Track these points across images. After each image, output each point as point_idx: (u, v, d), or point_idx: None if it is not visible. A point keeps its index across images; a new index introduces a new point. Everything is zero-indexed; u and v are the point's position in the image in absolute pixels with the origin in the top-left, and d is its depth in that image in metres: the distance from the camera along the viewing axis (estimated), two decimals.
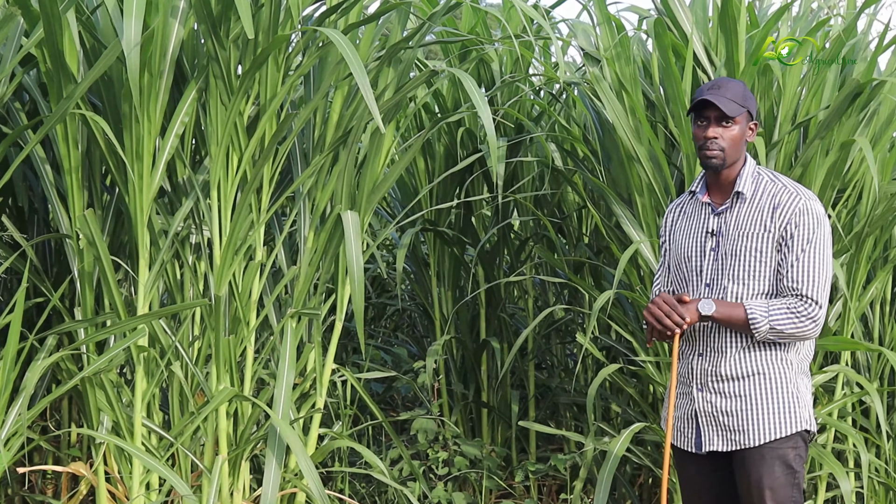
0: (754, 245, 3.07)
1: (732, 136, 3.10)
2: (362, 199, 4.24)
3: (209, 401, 4.00)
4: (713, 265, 3.14)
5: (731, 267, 3.10)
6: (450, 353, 5.78)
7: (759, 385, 3.09)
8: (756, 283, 3.08)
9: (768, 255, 3.06)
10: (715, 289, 3.13)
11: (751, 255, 3.07)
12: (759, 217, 3.09)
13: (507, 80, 5.26)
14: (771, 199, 3.09)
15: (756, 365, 3.09)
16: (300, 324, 4.26)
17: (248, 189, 3.94)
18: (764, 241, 3.07)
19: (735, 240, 3.10)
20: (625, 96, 4.52)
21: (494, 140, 3.80)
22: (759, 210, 3.09)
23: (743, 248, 3.09)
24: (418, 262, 5.81)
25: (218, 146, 3.92)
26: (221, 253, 3.98)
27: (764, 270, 3.07)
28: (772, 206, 3.08)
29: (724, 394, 3.11)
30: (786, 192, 3.08)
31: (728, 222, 3.13)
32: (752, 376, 3.09)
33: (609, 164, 4.86)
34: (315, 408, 4.28)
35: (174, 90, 4.02)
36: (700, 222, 3.21)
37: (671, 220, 3.34)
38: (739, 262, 3.09)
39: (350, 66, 3.43)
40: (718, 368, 3.12)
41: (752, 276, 3.08)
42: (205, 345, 4.16)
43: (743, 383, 3.09)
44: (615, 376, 4.76)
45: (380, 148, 4.26)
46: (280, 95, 3.94)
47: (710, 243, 3.16)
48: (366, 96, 3.35)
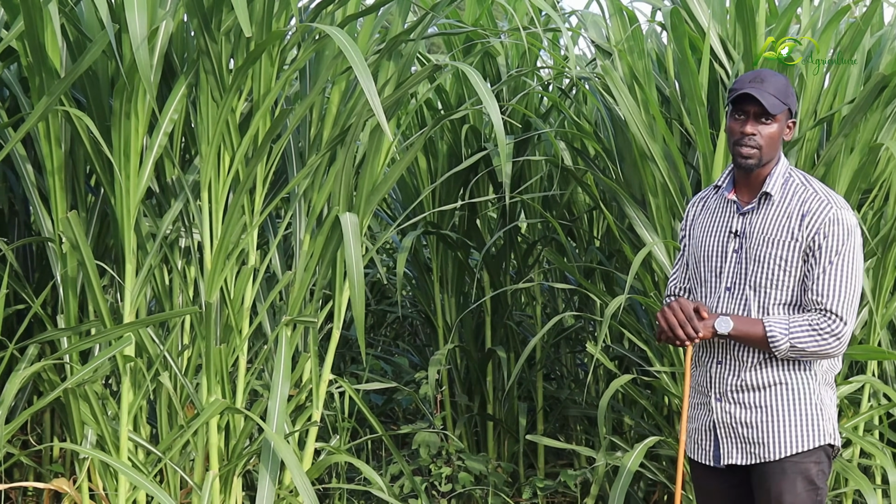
0: (779, 252, 3.06)
1: (770, 134, 3.09)
2: (361, 200, 4.24)
3: (199, 413, 4.00)
4: (734, 268, 3.13)
5: (753, 273, 3.09)
6: (453, 363, 5.77)
7: (781, 396, 3.09)
8: (779, 293, 3.07)
9: (793, 264, 3.05)
10: (735, 294, 3.12)
11: (775, 262, 3.06)
12: (786, 223, 3.07)
13: (514, 75, 5.26)
14: (800, 205, 3.07)
15: (778, 375, 3.09)
16: (295, 332, 4.26)
17: (240, 190, 3.95)
18: (790, 250, 3.05)
19: (759, 245, 3.09)
20: (638, 91, 4.53)
21: (503, 136, 3.80)
22: (786, 215, 3.08)
23: (767, 254, 3.07)
24: (420, 266, 5.81)
25: (209, 145, 3.93)
26: (212, 257, 3.99)
27: (788, 281, 3.06)
28: (800, 212, 3.06)
29: (744, 404, 3.11)
30: (816, 198, 3.07)
31: (753, 224, 3.12)
32: (774, 386, 3.09)
33: (622, 163, 4.86)
34: (311, 421, 4.28)
35: (163, 86, 4.02)
36: (723, 220, 3.20)
37: (693, 215, 3.33)
38: (762, 270, 3.08)
39: (351, 63, 3.43)
40: (738, 378, 3.12)
41: (774, 284, 3.07)
42: (195, 354, 4.16)
43: (764, 394, 3.09)
44: (628, 387, 4.76)
45: (380, 146, 4.26)
46: (274, 91, 3.94)
47: (733, 244, 3.15)
48: (367, 93, 3.35)
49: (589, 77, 4.90)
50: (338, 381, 4.43)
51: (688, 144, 4.77)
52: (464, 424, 5.71)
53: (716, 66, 4.55)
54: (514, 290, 5.73)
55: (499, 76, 5.51)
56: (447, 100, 5.60)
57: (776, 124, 3.09)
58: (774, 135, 3.09)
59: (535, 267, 5.83)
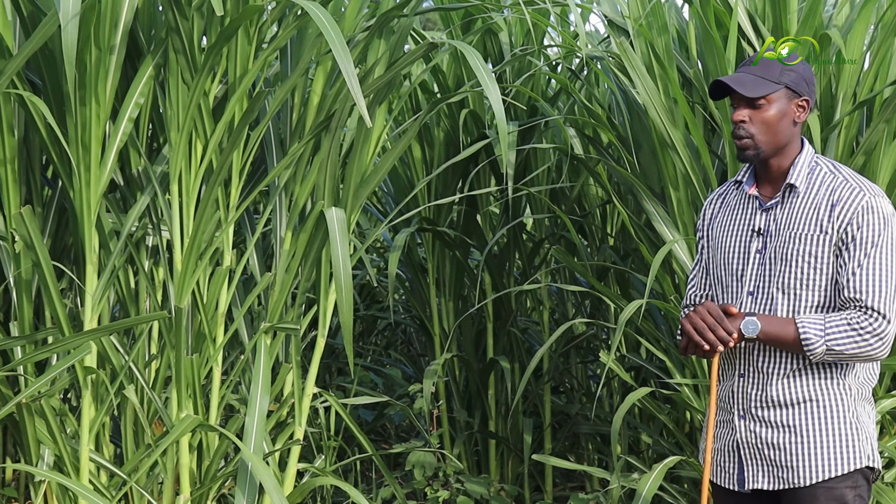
0: (807, 248, 3.05)
1: (765, 119, 3.06)
2: (348, 193, 4.24)
3: (169, 431, 3.99)
4: (758, 270, 3.12)
5: (779, 273, 3.08)
6: (451, 375, 5.77)
7: (811, 414, 3.07)
8: (809, 294, 3.05)
9: (824, 260, 3.04)
10: (760, 298, 3.11)
11: (803, 259, 3.05)
12: (813, 215, 3.06)
13: (518, 54, 5.26)
14: (829, 195, 3.06)
15: (808, 390, 3.07)
16: (276, 340, 4.26)
17: (214, 182, 3.94)
18: (819, 244, 3.04)
19: (785, 241, 3.08)
20: (657, 72, 4.52)
21: (504, 124, 3.79)
22: (814, 207, 3.07)
23: (794, 251, 3.06)
24: (414, 267, 5.81)
25: (179, 132, 3.92)
26: (183, 257, 3.98)
27: (818, 279, 3.05)
28: (829, 202, 3.05)
29: (771, 423, 3.10)
30: (846, 186, 3.06)
31: (777, 220, 3.11)
32: (804, 403, 3.07)
33: (638, 152, 4.85)
34: (293, 439, 4.28)
35: (127, 67, 4.02)
36: (745, 218, 3.19)
37: (710, 213, 3.32)
38: (789, 269, 3.06)
39: (326, 37, 3.43)
40: (763, 392, 3.10)
41: (804, 285, 3.05)
42: (163, 365, 4.15)
43: (792, 411, 3.08)
44: (645, 401, 4.75)
45: (369, 134, 4.26)
46: (252, 72, 3.94)
47: (756, 244, 3.14)
48: (345, 72, 3.35)
49: (602, 56, 4.90)
50: (323, 395, 4.43)
51: (712, 131, 4.76)
52: (463, 443, 5.71)
53: (743, 43, 4.55)
54: (518, 293, 5.72)
55: (501, 56, 5.50)
56: (444, 82, 5.59)
57: (771, 106, 3.06)
58: (770, 119, 3.06)
59: (541, 267, 5.82)
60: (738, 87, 3.05)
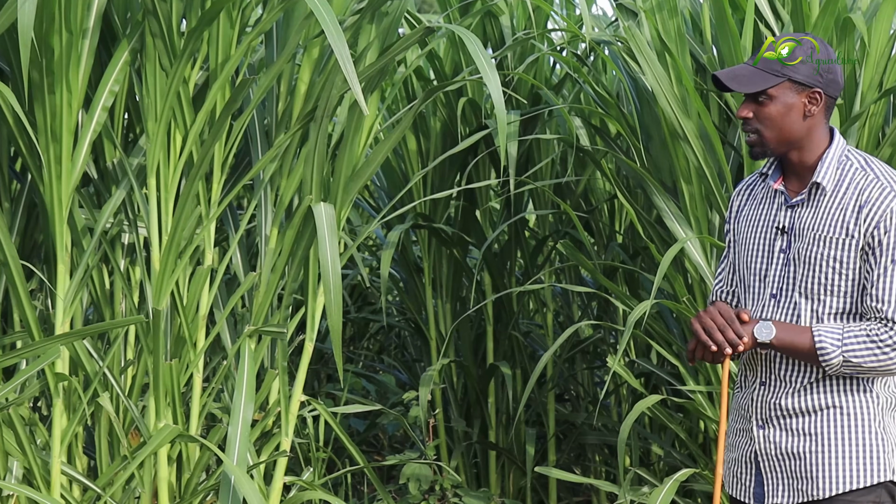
0: (832, 253, 3.03)
1: (768, 115, 3.05)
2: (338, 187, 4.23)
3: (146, 442, 3.98)
4: (781, 271, 3.11)
5: (803, 278, 3.06)
6: (449, 382, 5.76)
7: (834, 421, 3.06)
8: (834, 301, 3.04)
9: (850, 266, 3.02)
10: (783, 302, 3.09)
11: (828, 264, 3.03)
12: (840, 217, 3.04)
13: (521, 39, 5.24)
14: (857, 195, 3.03)
15: (832, 397, 3.06)
16: (261, 345, 4.25)
17: (194, 175, 3.93)
18: (845, 249, 3.02)
19: (809, 243, 3.06)
20: (668, 58, 4.51)
21: (504, 113, 3.79)
22: (840, 208, 3.04)
23: (818, 255, 3.04)
24: (409, 266, 5.80)
25: (157, 122, 3.91)
26: (161, 256, 3.97)
27: (844, 285, 3.03)
28: (857, 203, 3.02)
29: (791, 431, 3.09)
30: (876, 185, 3.03)
31: (803, 219, 3.09)
32: (827, 410, 3.06)
33: (648, 144, 4.85)
34: (279, 450, 4.27)
35: (101, 52, 4.01)
36: (769, 214, 3.17)
37: (738, 205, 3.30)
38: (813, 273, 3.05)
39: (319, 20, 3.43)
40: (785, 401, 3.09)
41: (828, 290, 3.03)
42: (140, 372, 4.15)
43: (814, 418, 3.07)
44: (656, 410, 4.75)
45: (360, 124, 4.25)
46: (235, 58, 3.93)
47: (780, 243, 3.13)
48: (339, 57, 3.34)
49: (610, 41, 4.88)
50: (311, 404, 4.42)
51: (727, 121, 4.75)
52: (461, 454, 5.70)
53: (761, 27, 4.54)
54: (520, 293, 5.72)
55: (502, 40, 5.50)
56: (441, 68, 5.59)
57: (775, 101, 3.04)
58: (774, 115, 3.05)
59: (545, 267, 5.82)
60: (731, 82, 3.03)
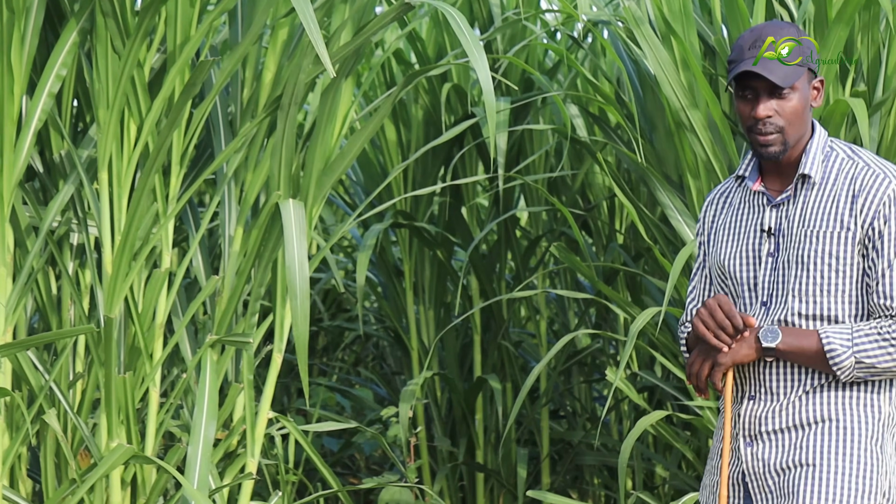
0: (826, 248, 3.04)
1: (793, 109, 3.06)
2: (310, 183, 4.23)
3: (97, 463, 3.97)
4: (771, 276, 3.12)
5: (796, 279, 3.07)
6: (432, 397, 5.76)
7: (827, 434, 3.07)
8: (833, 303, 3.05)
9: (847, 262, 3.04)
10: (775, 310, 3.11)
11: (823, 262, 3.04)
12: (832, 209, 3.06)
13: (511, 19, 5.25)
14: (849, 184, 3.06)
15: (827, 409, 3.07)
16: (224, 356, 4.25)
17: (150, 168, 3.93)
18: (841, 243, 3.04)
19: (800, 241, 3.07)
20: (673, 41, 4.52)
21: (493, 100, 3.79)
22: (832, 199, 3.07)
23: (811, 252, 3.05)
24: (388, 269, 5.80)
25: (108, 109, 3.91)
26: (114, 258, 3.97)
27: (843, 284, 3.04)
28: (850, 193, 3.05)
29: (782, 447, 3.10)
30: (869, 172, 3.06)
31: (791, 217, 3.10)
32: (821, 423, 3.07)
33: (652, 135, 4.86)
34: (245, 473, 4.27)
35: (47, 32, 4.00)
36: (752, 218, 3.18)
37: (712, 214, 3.32)
38: (808, 273, 3.06)
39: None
40: (775, 415, 3.10)
41: (825, 291, 3.05)
42: (91, 386, 4.14)
43: (806, 433, 3.08)
44: (661, 428, 4.76)
45: (334, 112, 4.24)
46: (195, 39, 3.93)
47: (768, 246, 3.14)
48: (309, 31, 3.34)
49: (609, 21, 4.89)
50: (280, 421, 4.42)
51: None
52: (445, 477, 5.70)
53: (775, 4, 4.55)
54: (511, 300, 5.72)
55: (491, 20, 5.50)
56: (423, 51, 5.59)
57: (797, 94, 3.06)
58: (798, 108, 3.07)
59: (538, 270, 5.82)
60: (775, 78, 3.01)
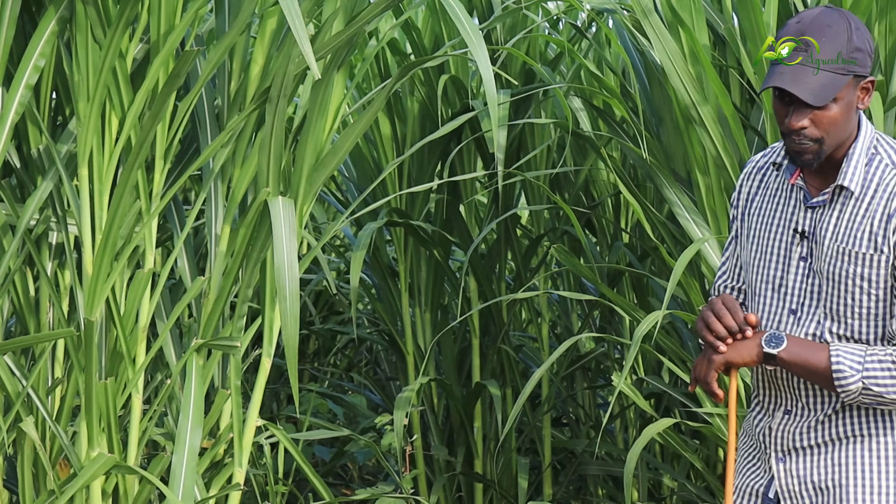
0: (858, 270, 2.99)
1: (832, 121, 2.98)
2: (300, 179, 4.23)
3: (77, 474, 3.96)
4: (803, 283, 3.06)
5: (828, 295, 3.03)
6: (428, 404, 5.76)
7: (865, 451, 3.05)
8: (865, 326, 3.00)
9: (881, 285, 2.97)
10: (805, 320, 3.06)
11: (854, 283, 2.99)
12: (867, 228, 2.99)
13: (511, 7, 5.24)
14: (886, 202, 2.97)
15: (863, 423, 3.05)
16: (210, 360, 4.24)
17: (132, 164, 3.93)
18: (873, 266, 2.98)
19: (833, 257, 3.02)
20: (682, 31, 4.51)
21: (494, 93, 3.78)
22: (867, 217, 3.00)
23: (843, 271, 3.00)
24: (383, 270, 5.80)
25: (89, 102, 3.91)
26: (95, 258, 3.96)
27: (875, 307, 2.99)
28: (886, 212, 2.97)
29: (818, 462, 3.09)
30: None
31: (824, 226, 3.04)
32: (856, 438, 3.05)
33: (659, 129, 4.85)
34: (232, 483, 4.27)
35: (24, 21, 4.00)
36: (786, 212, 3.13)
37: (748, 190, 3.24)
38: (838, 292, 3.01)
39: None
40: (811, 430, 3.08)
41: (855, 313, 3.00)
42: (70, 392, 4.14)
43: (841, 448, 3.06)
44: (668, 436, 4.75)
45: (325, 105, 4.24)
46: (180, 28, 3.92)
47: (800, 249, 3.08)
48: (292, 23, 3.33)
49: (614, 10, 4.88)
50: (269, 429, 4.41)
51: (750, 102, 4.76)
52: (442, 487, 5.70)
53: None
54: (511, 302, 5.71)
55: (490, 9, 5.50)
56: (419, 41, 5.59)
57: (838, 103, 2.99)
58: (837, 118, 2.98)
59: (540, 270, 5.81)
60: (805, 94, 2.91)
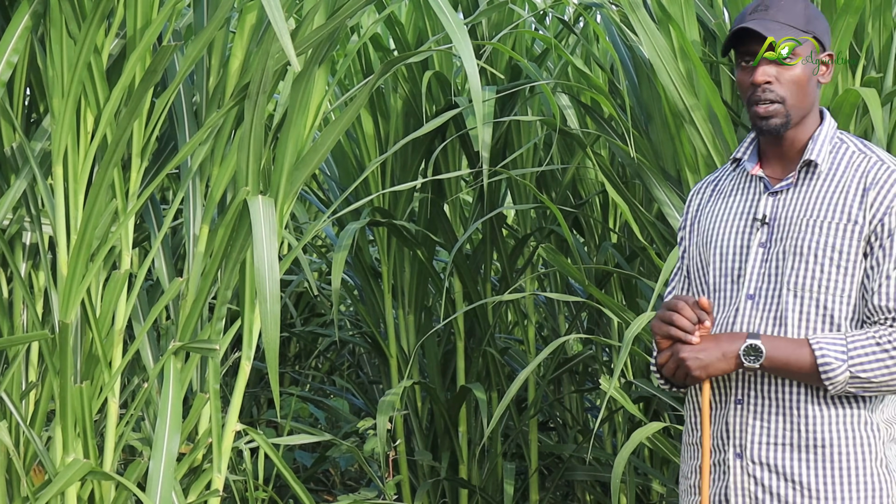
0: (829, 241, 3.01)
1: (795, 78, 3.04)
2: (280, 178, 4.23)
3: (52, 480, 3.96)
4: (761, 268, 3.08)
5: (793, 270, 3.03)
6: (412, 408, 5.76)
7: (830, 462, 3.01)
8: (831, 301, 3.01)
9: (850, 258, 3.00)
10: (763, 303, 3.06)
11: (824, 254, 3.00)
12: (840, 199, 3.03)
13: (497, 1, 5.25)
14: (860, 177, 3.03)
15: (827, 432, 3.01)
16: (189, 364, 4.24)
17: (108, 162, 3.92)
18: (846, 237, 3.01)
19: (800, 230, 3.03)
20: (671, 26, 4.52)
21: (479, 89, 3.79)
22: (840, 190, 3.03)
23: (812, 243, 3.01)
24: (365, 271, 5.80)
25: (64, 98, 3.89)
26: (70, 259, 3.96)
27: (843, 282, 3.01)
28: (862, 185, 3.02)
29: (777, 470, 3.07)
30: (884, 168, 3.04)
31: (789, 205, 3.06)
32: (821, 448, 3.02)
33: (647, 127, 4.86)
34: (211, 489, 4.27)
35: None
36: (744, 204, 3.14)
37: (697, 204, 3.27)
38: (806, 265, 3.01)
39: None
40: (768, 425, 3.07)
41: (823, 287, 3.01)
42: (45, 396, 4.13)
43: (805, 457, 3.02)
44: (657, 440, 4.76)
45: (306, 102, 4.24)
46: (157, 23, 3.92)
47: (760, 236, 3.09)
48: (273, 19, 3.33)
49: (601, 4, 4.90)
50: (249, 434, 4.41)
51: (740, 100, 4.76)
52: (427, 493, 5.70)
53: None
54: (497, 303, 5.72)
55: (475, 3, 5.51)
56: (402, 36, 5.59)
57: (799, 62, 3.05)
58: (800, 78, 3.04)
59: (526, 271, 5.82)
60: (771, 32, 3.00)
